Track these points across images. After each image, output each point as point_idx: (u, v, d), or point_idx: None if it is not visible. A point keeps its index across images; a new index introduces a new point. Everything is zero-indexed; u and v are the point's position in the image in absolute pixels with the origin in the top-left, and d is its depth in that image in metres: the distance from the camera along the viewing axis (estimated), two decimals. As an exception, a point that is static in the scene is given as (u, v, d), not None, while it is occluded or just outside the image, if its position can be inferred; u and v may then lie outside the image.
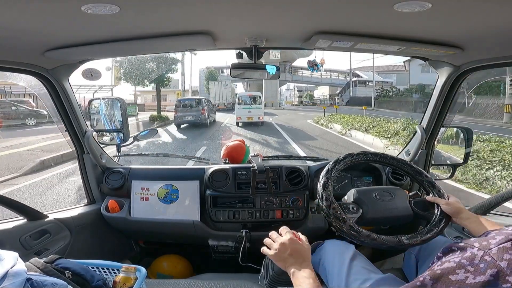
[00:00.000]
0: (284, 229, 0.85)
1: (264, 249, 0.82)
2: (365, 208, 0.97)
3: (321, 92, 51.79)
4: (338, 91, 41.71)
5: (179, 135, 10.48)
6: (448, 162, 1.56)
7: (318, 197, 0.95)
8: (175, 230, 1.49)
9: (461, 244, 0.51)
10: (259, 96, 13.23)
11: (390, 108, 24.15)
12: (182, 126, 12.33)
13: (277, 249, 0.79)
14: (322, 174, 0.99)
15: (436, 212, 0.94)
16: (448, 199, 0.95)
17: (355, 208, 0.97)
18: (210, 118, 13.42)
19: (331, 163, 1.01)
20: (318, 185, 0.97)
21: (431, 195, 1.00)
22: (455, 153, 1.54)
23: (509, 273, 0.45)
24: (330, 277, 1.04)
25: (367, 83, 35.98)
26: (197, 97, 14.81)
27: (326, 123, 12.88)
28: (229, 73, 1.28)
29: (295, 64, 36.08)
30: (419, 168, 1.06)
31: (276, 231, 0.87)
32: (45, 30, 0.87)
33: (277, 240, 0.81)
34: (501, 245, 0.47)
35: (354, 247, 1.04)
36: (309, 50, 1.21)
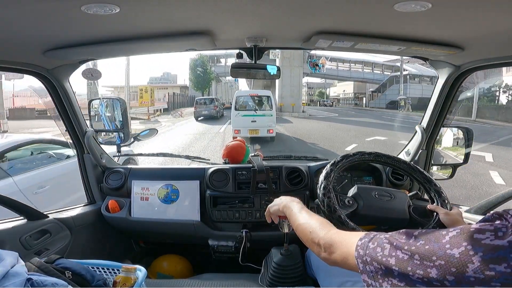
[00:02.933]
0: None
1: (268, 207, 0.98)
2: (361, 204, 0.97)
3: (341, 90, 41.51)
4: (373, 89, 32.30)
5: (200, 124, 13.60)
6: (448, 162, 1.56)
7: (317, 186, 0.96)
8: (175, 230, 1.49)
9: (500, 212, 0.51)
10: (268, 97, 8.76)
11: (502, 119, 14.74)
12: (199, 118, 15.64)
13: (273, 205, 0.96)
14: (328, 166, 0.99)
15: (432, 220, 0.93)
16: (450, 210, 0.93)
17: (350, 202, 0.97)
18: (219, 112, 16.82)
19: (339, 157, 1.01)
20: (321, 175, 0.97)
21: (435, 204, 0.98)
22: (455, 153, 1.54)
23: None
24: (322, 279, 1.05)
25: (421, 78, 26.92)
26: (211, 96, 18.57)
27: None
28: (227, 64, 1.27)
29: (314, 52, 28.69)
30: (430, 176, 1.04)
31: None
32: (45, 30, 0.87)
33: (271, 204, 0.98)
34: None
35: None
36: (310, 50, 1.21)
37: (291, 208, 0.85)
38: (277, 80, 16.45)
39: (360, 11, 0.80)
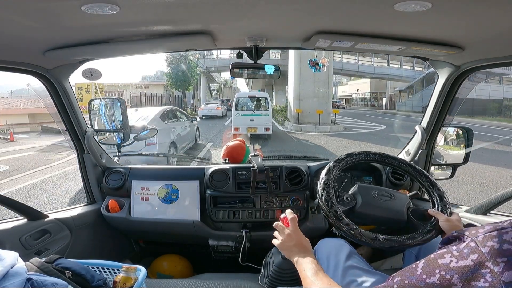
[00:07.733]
0: (290, 214, 0.89)
1: (273, 240, 0.90)
2: (359, 201, 0.97)
3: (353, 89, 35.52)
4: (400, 88, 26.92)
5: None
6: (448, 162, 1.56)
7: (318, 181, 0.96)
8: (175, 230, 1.49)
9: (455, 234, 0.56)
10: (266, 98, 9.70)
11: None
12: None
13: (284, 240, 0.87)
14: (331, 162, 1.00)
15: (429, 223, 0.92)
16: (450, 216, 0.92)
17: (349, 199, 0.98)
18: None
19: (332, 162, 1.01)
20: (323, 171, 0.98)
21: (435, 208, 0.96)
22: (455, 153, 1.54)
23: (489, 259, 0.47)
24: None
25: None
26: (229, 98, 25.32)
27: None
28: (220, 57, 1.28)
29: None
30: (433, 180, 1.02)
31: (276, 230, 0.91)
32: (45, 30, 0.87)
33: (284, 231, 0.87)
34: (487, 234, 0.50)
35: (349, 246, 1.03)
36: (310, 50, 1.21)
37: (304, 269, 0.77)
38: (290, 74, 12.61)
39: (360, 11, 0.80)
